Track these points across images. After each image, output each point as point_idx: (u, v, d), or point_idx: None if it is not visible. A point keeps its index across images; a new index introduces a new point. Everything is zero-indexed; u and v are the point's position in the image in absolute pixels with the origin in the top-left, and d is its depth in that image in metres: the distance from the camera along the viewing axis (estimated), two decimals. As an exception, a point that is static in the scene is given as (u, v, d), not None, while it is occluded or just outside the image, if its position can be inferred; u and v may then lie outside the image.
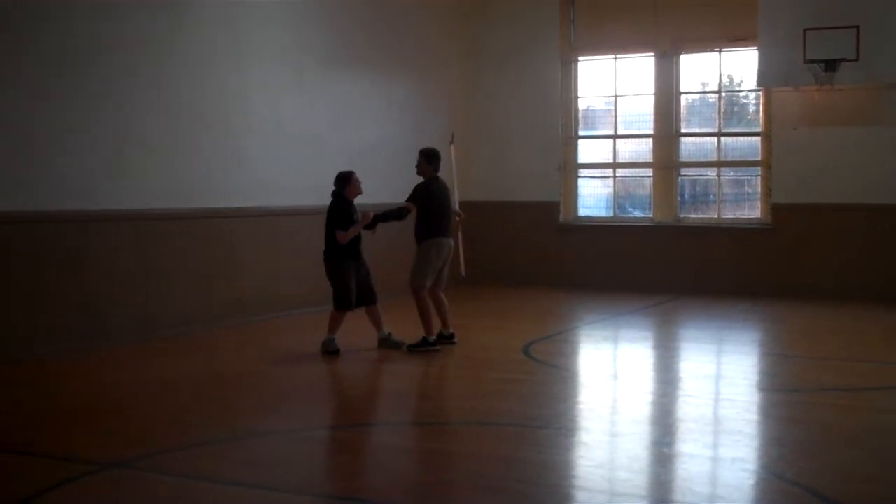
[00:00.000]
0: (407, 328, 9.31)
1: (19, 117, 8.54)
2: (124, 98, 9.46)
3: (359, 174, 9.04)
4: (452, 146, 10.14)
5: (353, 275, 8.84)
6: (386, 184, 11.42)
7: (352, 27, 12.44)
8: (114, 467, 5.46)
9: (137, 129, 9.60)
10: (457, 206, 9.63)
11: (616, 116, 14.53)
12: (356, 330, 9.22)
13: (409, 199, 9.09)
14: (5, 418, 6.61)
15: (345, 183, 8.92)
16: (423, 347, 8.89)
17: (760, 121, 13.73)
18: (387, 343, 9.02)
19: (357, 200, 9.01)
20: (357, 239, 8.91)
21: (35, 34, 8.62)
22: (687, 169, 14.22)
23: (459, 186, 14.50)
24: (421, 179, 9.19)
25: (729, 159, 14.02)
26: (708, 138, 14.08)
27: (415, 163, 9.26)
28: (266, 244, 11.11)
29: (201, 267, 10.32)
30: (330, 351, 8.73)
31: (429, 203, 9.06)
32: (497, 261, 14.67)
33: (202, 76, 10.33)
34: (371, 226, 9.03)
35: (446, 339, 9.20)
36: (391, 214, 9.07)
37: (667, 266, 13.76)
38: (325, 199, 9.04)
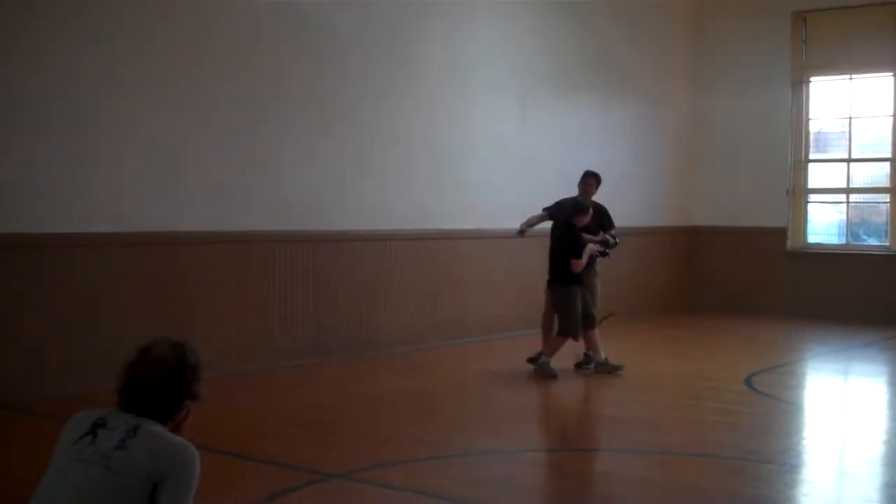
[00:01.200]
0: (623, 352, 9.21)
1: (271, 147, 9.09)
2: (357, 127, 9.88)
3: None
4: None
5: (579, 302, 8.87)
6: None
7: (573, 53, 12.48)
8: (335, 478, 5.67)
9: (367, 156, 9.99)
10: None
11: (850, 139, 13.89)
12: (567, 352, 9.20)
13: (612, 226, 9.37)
14: (238, 426, 6.97)
15: (581, 214, 8.96)
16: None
17: None
18: (604, 368, 8.96)
19: None
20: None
21: (281, 76, 9.14)
22: (927, 194, 13.42)
23: (681, 210, 14.45)
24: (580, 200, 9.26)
25: (975, 183, 13.14)
26: (950, 161, 13.25)
27: (630, 187, 9.25)
28: (485, 265, 11.27)
29: (423, 286, 10.59)
30: (548, 375, 8.75)
31: None
32: (721, 288, 14.30)
33: (430, 105, 10.65)
34: (605, 252, 9.08)
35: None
36: (615, 241, 9.17)
37: (904, 297, 12.99)
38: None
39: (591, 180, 9.42)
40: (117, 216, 8.06)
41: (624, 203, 12.93)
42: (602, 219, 9.39)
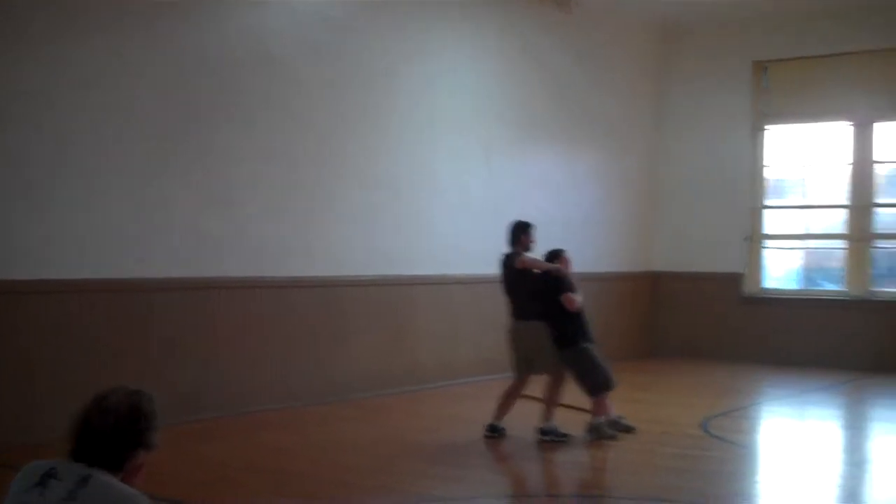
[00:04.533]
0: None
1: (240, 193, 9.13)
2: (323, 172, 9.98)
3: (538, 244, 8.96)
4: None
5: (593, 354, 8.28)
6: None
7: (538, 99, 12.67)
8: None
9: (332, 201, 10.07)
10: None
11: (807, 186, 14.15)
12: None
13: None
14: (195, 474, 6.95)
15: (556, 259, 8.54)
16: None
17: (963, 192, 13.10)
18: (617, 426, 8.39)
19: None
20: (583, 318, 8.40)
21: (251, 119, 9.23)
22: (883, 241, 13.67)
23: (641, 256, 14.61)
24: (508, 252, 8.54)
25: (928, 232, 13.41)
26: (905, 209, 13.52)
27: (592, 232, 9.18)
28: (447, 311, 11.34)
29: (384, 332, 10.63)
30: (605, 436, 8.09)
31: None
32: (679, 333, 14.45)
33: (395, 150, 10.77)
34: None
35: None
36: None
37: (859, 342, 13.18)
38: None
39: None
40: (78, 262, 8.04)
41: (587, 248, 13.08)
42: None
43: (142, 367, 8.25)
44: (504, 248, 8.54)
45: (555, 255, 8.55)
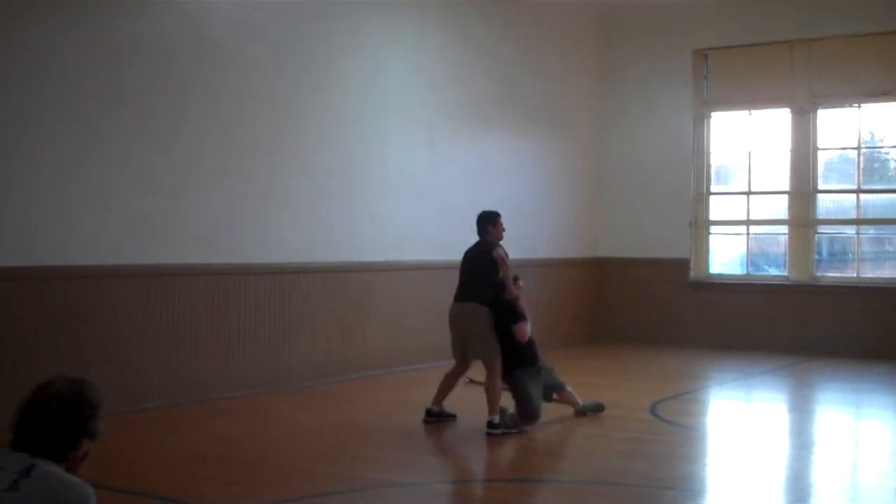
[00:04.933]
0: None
1: (177, 177, 8.99)
2: (268, 159, 9.87)
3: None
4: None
5: (533, 385, 8.06)
6: (513, 240, 11.47)
7: (482, 87, 12.64)
8: (244, 514, 5.61)
9: (278, 188, 9.96)
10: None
11: (750, 173, 14.31)
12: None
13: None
14: (142, 463, 6.85)
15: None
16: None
17: (902, 177, 13.31)
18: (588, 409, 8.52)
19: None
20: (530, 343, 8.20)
21: (190, 105, 9.07)
22: (824, 227, 13.86)
23: (588, 242, 14.68)
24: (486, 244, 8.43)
25: (869, 217, 13.62)
26: (847, 195, 13.72)
27: (538, 219, 9.16)
28: (396, 297, 11.30)
29: (334, 318, 10.56)
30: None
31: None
32: (625, 318, 14.55)
33: (342, 138, 10.66)
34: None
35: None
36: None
37: (802, 326, 13.37)
38: (454, 255, 9.12)
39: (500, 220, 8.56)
40: (10, 249, 7.84)
41: (533, 234, 13.12)
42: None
43: (84, 356, 8.09)
44: (467, 237, 8.49)
45: (512, 280, 8.30)
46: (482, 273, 8.20)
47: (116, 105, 8.56)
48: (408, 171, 11.50)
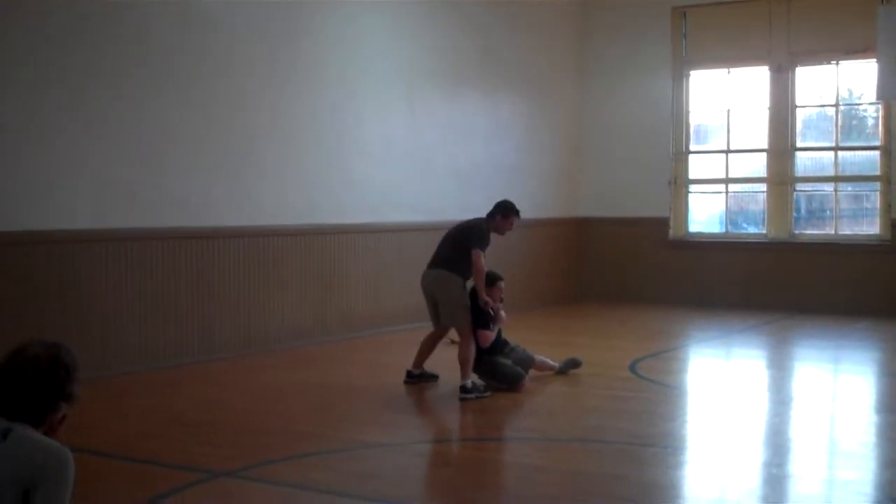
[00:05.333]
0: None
1: (154, 142, 8.90)
2: (245, 122, 9.77)
3: (466, 192, 8.93)
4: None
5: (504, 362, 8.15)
6: (494, 201, 11.44)
7: (460, 49, 12.54)
8: (223, 476, 5.61)
9: (256, 151, 9.88)
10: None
11: (729, 131, 14.31)
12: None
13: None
14: (122, 427, 6.85)
15: (492, 284, 8.10)
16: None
17: (880, 135, 13.33)
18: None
19: (471, 215, 8.77)
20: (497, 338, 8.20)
21: (167, 67, 8.96)
22: (802, 184, 13.90)
23: (568, 202, 14.67)
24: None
25: (846, 174, 13.67)
26: (824, 153, 13.75)
27: (518, 179, 9.13)
28: (374, 259, 11.27)
29: (312, 281, 10.53)
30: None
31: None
32: (605, 277, 14.59)
33: (319, 101, 10.56)
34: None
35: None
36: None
37: (781, 283, 13.45)
38: (432, 217, 9.11)
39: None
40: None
41: (512, 195, 13.06)
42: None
43: (63, 321, 8.05)
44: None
45: (492, 281, 8.10)
46: (464, 248, 8.04)
47: (95, 71, 8.44)
48: (386, 133, 11.43)
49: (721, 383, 8.99)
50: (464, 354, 7.90)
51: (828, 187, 13.76)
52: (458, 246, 8.13)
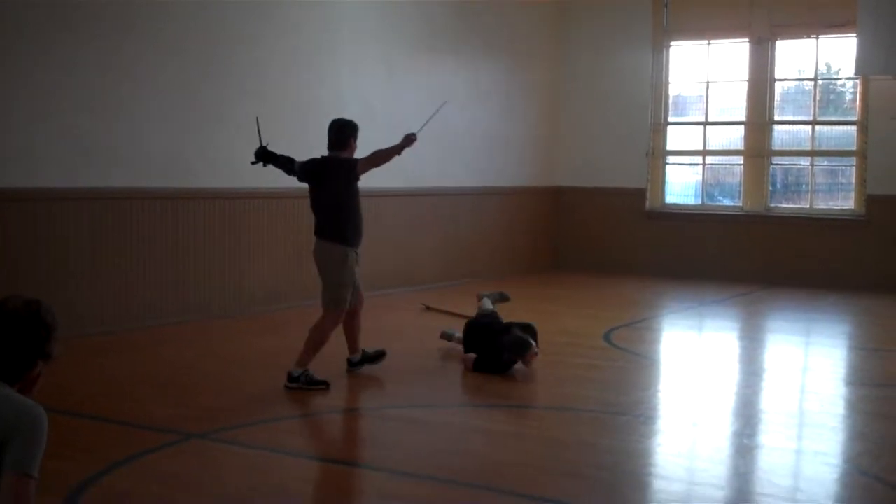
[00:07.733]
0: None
1: (129, 100, 8.78)
2: (221, 81, 9.67)
3: (447, 158, 8.88)
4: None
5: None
6: (471, 168, 11.46)
7: (439, 13, 12.45)
8: (195, 437, 5.61)
9: (231, 112, 9.78)
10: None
11: (707, 103, 14.31)
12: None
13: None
14: (95, 388, 6.83)
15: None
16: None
17: (857, 110, 13.37)
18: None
19: (448, 182, 8.85)
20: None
21: (143, 28, 8.84)
22: (779, 158, 13.95)
23: (546, 171, 14.66)
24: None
25: (823, 148, 13.72)
26: (802, 127, 13.79)
27: (496, 147, 9.00)
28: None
29: (287, 244, 10.47)
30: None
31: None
32: (582, 247, 14.62)
33: (296, 62, 10.48)
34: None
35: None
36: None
37: (755, 256, 13.53)
38: (409, 182, 9.08)
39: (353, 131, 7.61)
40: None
41: (489, 162, 13.08)
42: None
43: (36, 279, 7.99)
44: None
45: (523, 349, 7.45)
46: (343, 200, 7.20)
47: (68, 26, 8.34)
48: (362, 96, 11.33)
49: (694, 354, 9.05)
50: (315, 334, 7.01)
51: (804, 161, 13.82)
52: (337, 202, 7.29)
